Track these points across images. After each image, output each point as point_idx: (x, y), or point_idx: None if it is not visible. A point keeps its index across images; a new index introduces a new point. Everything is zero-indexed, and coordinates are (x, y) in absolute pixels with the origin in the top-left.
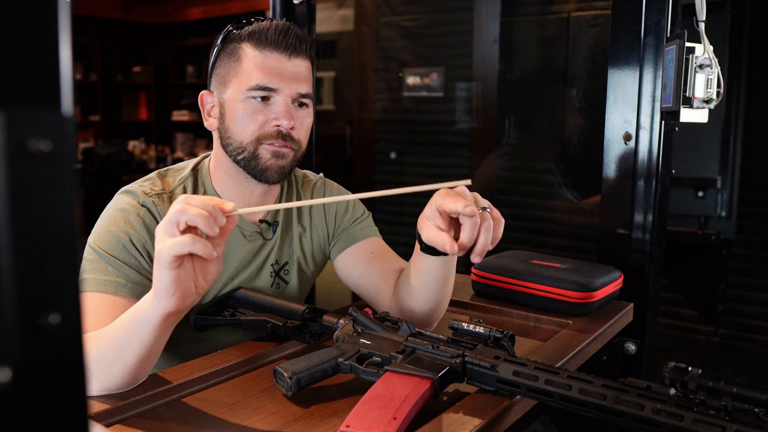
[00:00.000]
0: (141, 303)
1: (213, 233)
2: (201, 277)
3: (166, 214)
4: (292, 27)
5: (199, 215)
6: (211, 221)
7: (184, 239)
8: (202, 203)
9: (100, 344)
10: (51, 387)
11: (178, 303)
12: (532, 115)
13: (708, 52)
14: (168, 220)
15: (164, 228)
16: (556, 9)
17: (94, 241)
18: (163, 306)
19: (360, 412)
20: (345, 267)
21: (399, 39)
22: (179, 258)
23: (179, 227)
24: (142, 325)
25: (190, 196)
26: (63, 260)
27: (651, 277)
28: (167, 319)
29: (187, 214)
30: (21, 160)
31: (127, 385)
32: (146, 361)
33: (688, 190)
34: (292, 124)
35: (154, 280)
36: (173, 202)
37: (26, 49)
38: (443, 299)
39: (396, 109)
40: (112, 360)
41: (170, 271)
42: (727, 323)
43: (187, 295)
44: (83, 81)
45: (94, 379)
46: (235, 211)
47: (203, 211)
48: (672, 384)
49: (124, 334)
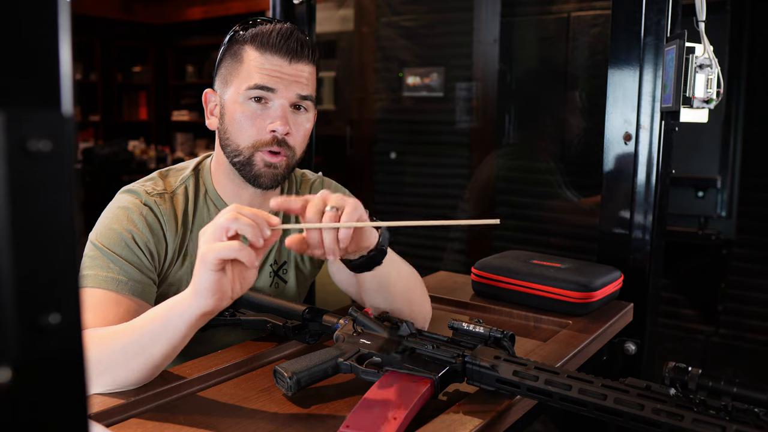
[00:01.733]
0: (175, 301)
1: (259, 244)
2: (238, 283)
3: (217, 219)
4: (295, 31)
5: (248, 224)
6: (258, 232)
7: (232, 245)
8: (253, 214)
9: (121, 339)
10: (51, 387)
11: (215, 304)
12: (532, 115)
13: (708, 52)
14: (218, 225)
15: (212, 232)
16: (556, 9)
17: (96, 238)
18: (200, 305)
19: (360, 412)
20: (336, 271)
21: (399, 39)
22: (224, 262)
23: (228, 233)
24: (174, 321)
25: (241, 207)
26: (63, 260)
27: (651, 277)
28: (201, 318)
29: (239, 223)
30: (21, 160)
31: (143, 380)
32: (169, 358)
33: (688, 190)
34: (287, 129)
35: (196, 280)
36: (223, 210)
37: (26, 49)
38: (405, 297)
39: (396, 109)
40: (135, 354)
41: (214, 273)
42: (727, 323)
43: (224, 297)
44: (83, 81)
45: (107, 374)
46: (279, 226)
47: (253, 221)
48: (672, 384)
49: (151, 329)
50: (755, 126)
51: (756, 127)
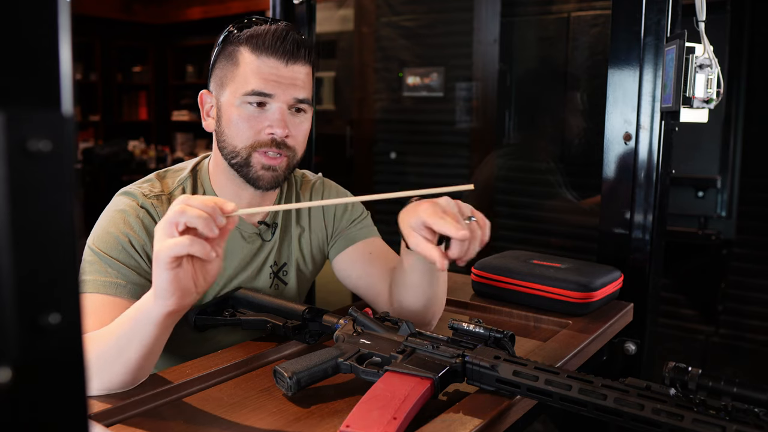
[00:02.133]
0: (141, 302)
1: (212, 234)
2: (201, 277)
3: (165, 215)
4: (291, 32)
5: (197, 216)
6: (211, 222)
7: (182, 240)
8: (202, 204)
9: (101, 343)
10: (51, 387)
11: (177, 302)
12: (532, 115)
13: (708, 52)
14: (167, 221)
15: (163, 228)
16: (556, 9)
17: (93, 243)
18: (162, 305)
19: (360, 412)
20: (343, 268)
21: (399, 39)
22: (178, 259)
23: (178, 228)
24: (142, 324)
25: (189, 197)
26: (63, 260)
27: (651, 277)
28: (167, 318)
29: (186, 215)
30: (21, 160)
31: (129, 384)
32: (147, 360)
33: (688, 190)
34: (287, 132)
35: (154, 280)
36: (172, 203)
37: (26, 49)
38: (436, 296)
39: (396, 109)
40: (114, 359)
41: (169, 271)
42: (727, 323)
43: (186, 294)
44: (83, 81)
45: (96, 378)
46: (235, 212)
47: (202, 212)
48: (672, 384)
49: (124, 333)
50: (755, 126)
51: (756, 127)
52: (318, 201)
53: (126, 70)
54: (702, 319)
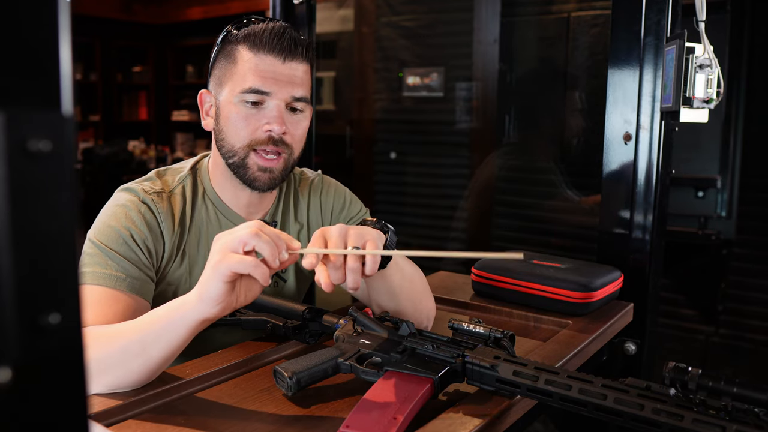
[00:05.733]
0: (177, 303)
1: (274, 266)
2: (243, 296)
3: (236, 231)
4: (288, 30)
5: (268, 245)
6: (276, 254)
7: (249, 260)
8: (275, 235)
9: (122, 338)
10: (51, 387)
11: (219, 312)
12: (532, 115)
13: (708, 52)
14: (238, 238)
15: (230, 243)
16: (556, 9)
17: (95, 236)
18: (204, 311)
19: (360, 412)
20: None
21: (399, 39)
22: (236, 275)
23: (245, 248)
24: (176, 324)
25: (264, 225)
26: (63, 260)
27: (651, 277)
28: (203, 323)
29: (259, 240)
30: (21, 160)
31: (139, 383)
32: (168, 360)
33: (688, 190)
34: (284, 129)
35: (203, 286)
36: (244, 224)
37: (26, 49)
38: (413, 294)
39: (396, 109)
40: (135, 355)
41: (225, 283)
42: (727, 323)
43: (228, 307)
44: (83, 81)
45: (109, 374)
46: (298, 250)
47: (273, 242)
48: (672, 384)
49: (154, 330)
50: (755, 126)
51: (756, 127)
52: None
53: (126, 70)
54: (702, 319)
